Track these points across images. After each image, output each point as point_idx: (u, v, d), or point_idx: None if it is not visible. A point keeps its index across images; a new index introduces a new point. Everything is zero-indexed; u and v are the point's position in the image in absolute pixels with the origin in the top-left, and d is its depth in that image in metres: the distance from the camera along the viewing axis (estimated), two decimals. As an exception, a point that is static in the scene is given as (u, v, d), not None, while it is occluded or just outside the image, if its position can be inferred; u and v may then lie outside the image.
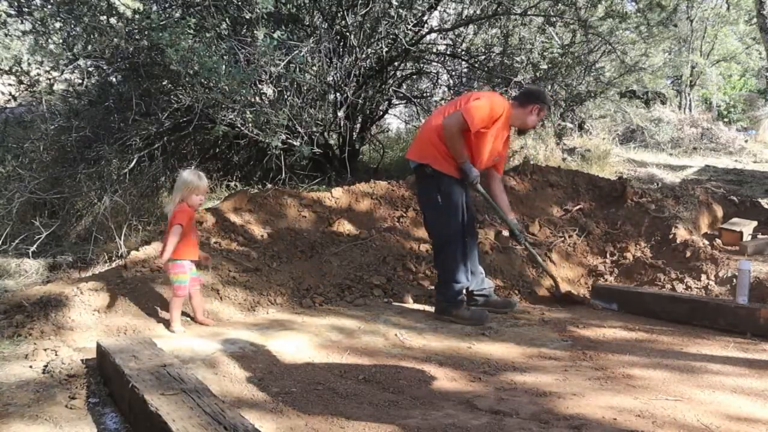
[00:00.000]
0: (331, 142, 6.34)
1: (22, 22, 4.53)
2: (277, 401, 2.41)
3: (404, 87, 6.93)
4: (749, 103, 19.63)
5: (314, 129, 5.24)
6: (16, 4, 4.33)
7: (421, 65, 6.77)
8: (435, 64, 6.83)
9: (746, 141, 13.86)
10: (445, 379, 2.72)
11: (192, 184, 3.18)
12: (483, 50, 6.71)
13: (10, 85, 4.82)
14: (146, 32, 4.07)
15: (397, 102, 7.18)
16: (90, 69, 4.81)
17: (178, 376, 2.20)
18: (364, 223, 4.71)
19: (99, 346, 2.59)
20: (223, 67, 3.94)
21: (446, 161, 3.50)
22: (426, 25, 6.20)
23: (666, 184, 7.55)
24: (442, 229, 3.61)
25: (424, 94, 7.26)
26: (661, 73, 13.75)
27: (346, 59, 5.43)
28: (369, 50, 5.52)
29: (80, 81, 4.84)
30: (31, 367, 2.61)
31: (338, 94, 5.71)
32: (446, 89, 7.27)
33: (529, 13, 6.08)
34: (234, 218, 4.38)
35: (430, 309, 3.86)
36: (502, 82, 6.17)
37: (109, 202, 4.45)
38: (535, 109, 3.63)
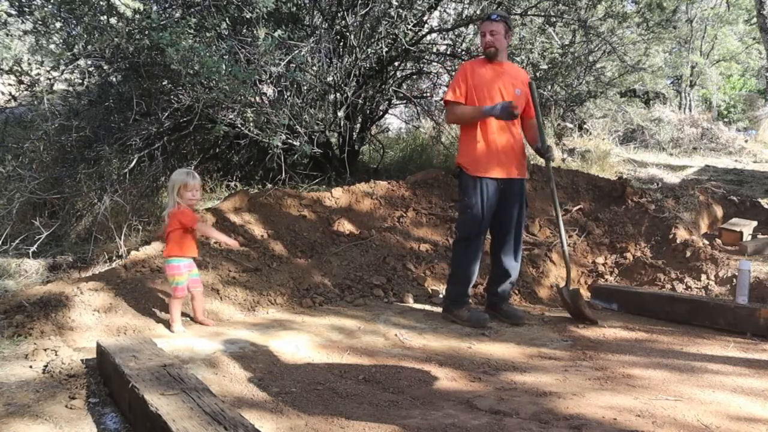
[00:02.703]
0: (332, 141, 6.34)
1: (23, 22, 4.52)
2: (277, 401, 2.41)
3: (404, 87, 6.93)
4: (749, 103, 19.62)
5: (315, 128, 5.24)
6: (17, 3, 4.32)
7: (421, 65, 6.76)
8: (435, 64, 6.83)
9: (746, 141, 13.86)
10: (445, 379, 2.72)
11: (180, 182, 3.20)
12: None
13: (10, 85, 4.82)
14: (147, 32, 4.07)
15: (397, 102, 7.17)
16: (90, 69, 4.81)
17: (178, 376, 2.20)
18: (364, 223, 4.71)
19: (99, 346, 2.59)
20: (223, 66, 3.94)
21: (464, 156, 3.60)
22: (426, 25, 6.20)
23: (666, 184, 7.55)
24: (458, 225, 3.69)
25: (424, 94, 7.25)
26: (661, 73, 13.75)
27: (346, 59, 5.43)
28: (369, 50, 5.52)
29: (80, 81, 4.84)
30: (31, 367, 2.61)
31: (338, 94, 5.71)
32: (446, 89, 7.27)
33: (529, 13, 6.08)
34: (234, 218, 4.38)
35: (430, 309, 3.86)
36: (502, 82, 6.16)
37: (109, 202, 4.45)
38: (480, 32, 3.62)
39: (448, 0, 6.50)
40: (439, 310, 3.75)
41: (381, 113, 7.03)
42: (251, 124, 4.56)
